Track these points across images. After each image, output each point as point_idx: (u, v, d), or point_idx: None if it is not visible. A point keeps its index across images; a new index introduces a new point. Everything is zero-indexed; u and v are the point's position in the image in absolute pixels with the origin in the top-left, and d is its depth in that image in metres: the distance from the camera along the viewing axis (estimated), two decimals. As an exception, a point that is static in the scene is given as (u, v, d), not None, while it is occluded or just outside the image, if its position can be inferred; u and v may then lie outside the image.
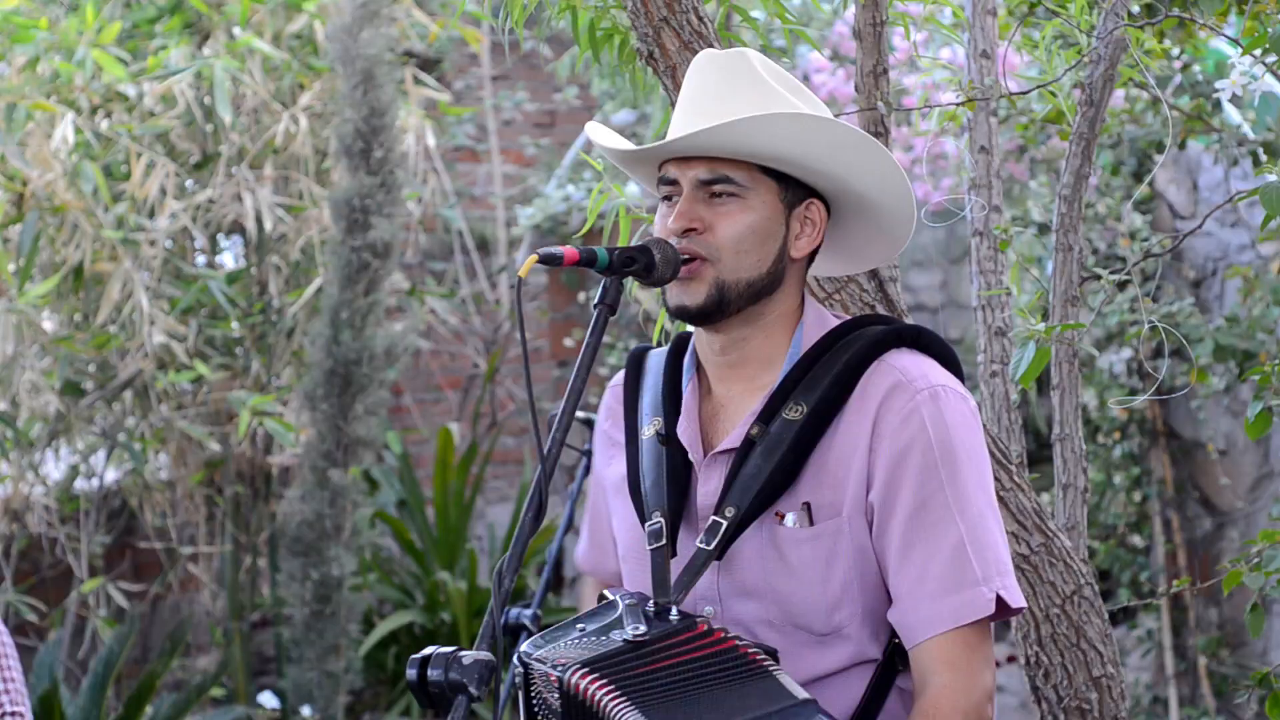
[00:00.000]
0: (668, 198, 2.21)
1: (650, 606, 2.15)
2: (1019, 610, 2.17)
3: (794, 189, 2.21)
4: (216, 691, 5.49)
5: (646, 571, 2.22)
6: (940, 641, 2.13)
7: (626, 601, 2.17)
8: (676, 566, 2.20)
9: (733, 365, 2.24)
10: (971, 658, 2.14)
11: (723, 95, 2.19)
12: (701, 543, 2.16)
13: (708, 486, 2.22)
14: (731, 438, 2.21)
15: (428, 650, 1.96)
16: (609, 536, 2.43)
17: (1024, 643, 2.80)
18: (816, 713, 2.04)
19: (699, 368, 2.31)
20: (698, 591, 2.21)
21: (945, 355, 2.26)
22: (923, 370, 2.19)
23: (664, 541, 2.20)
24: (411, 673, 1.97)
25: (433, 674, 1.93)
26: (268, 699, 5.56)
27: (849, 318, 2.28)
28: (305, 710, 5.36)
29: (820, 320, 2.26)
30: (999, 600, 2.14)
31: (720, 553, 2.16)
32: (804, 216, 2.22)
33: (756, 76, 2.21)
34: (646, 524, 2.23)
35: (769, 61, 2.26)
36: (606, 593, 2.25)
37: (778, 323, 2.23)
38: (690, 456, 2.24)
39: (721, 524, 2.15)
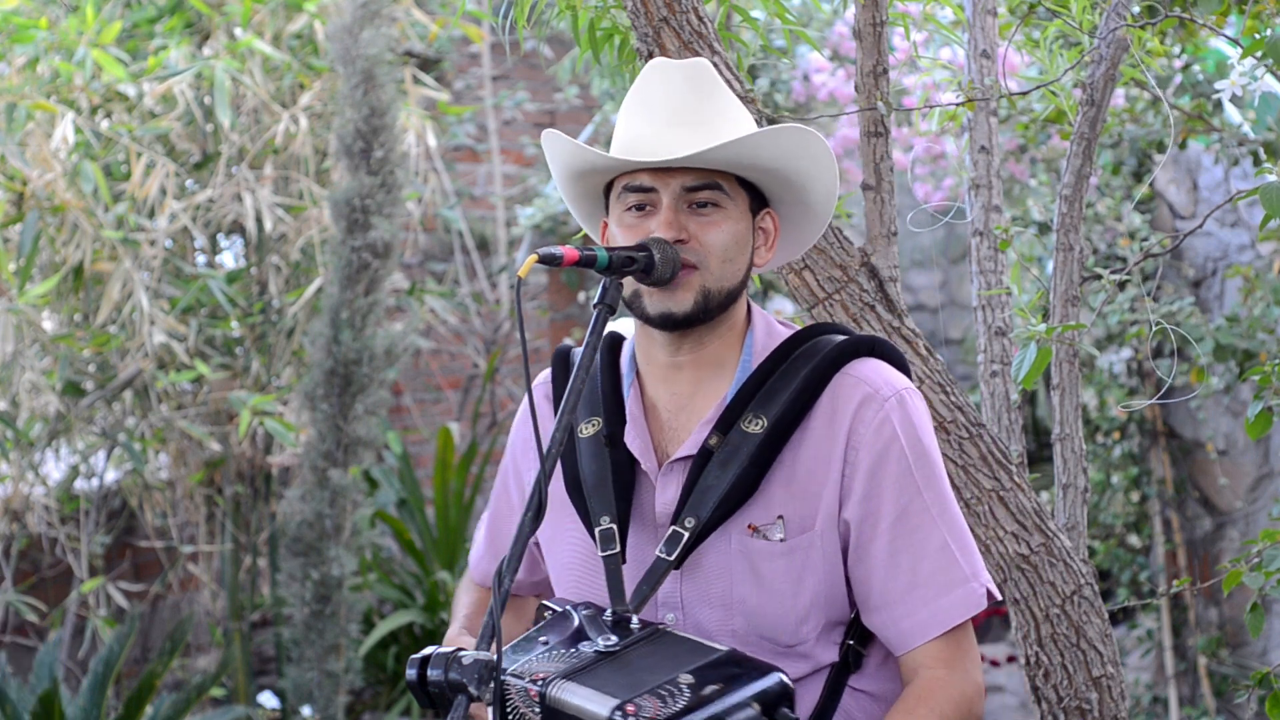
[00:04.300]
0: (636, 206, 2.20)
1: (609, 615, 2.15)
2: (999, 602, 2.22)
3: (756, 199, 2.23)
4: (216, 691, 5.48)
5: (597, 578, 2.22)
6: (935, 643, 2.16)
7: (583, 613, 2.16)
8: (629, 573, 2.20)
9: (682, 367, 2.24)
10: (964, 656, 2.18)
11: (696, 105, 2.19)
12: (662, 552, 2.16)
13: (665, 495, 2.22)
14: (688, 444, 2.21)
15: (428, 650, 1.96)
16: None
17: (1024, 643, 2.80)
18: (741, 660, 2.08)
19: (637, 371, 2.30)
20: (659, 598, 2.21)
21: (898, 360, 2.29)
22: (885, 378, 2.22)
23: (617, 547, 2.20)
24: (411, 673, 1.97)
25: (433, 674, 1.93)
26: (268, 699, 5.56)
27: (798, 327, 2.30)
28: (305, 710, 5.36)
29: (770, 328, 2.28)
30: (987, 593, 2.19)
31: (679, 562, 2.16)
32: (759, 226, 2.25)
33: (720, 86, 2.22)
34: (596, 528, 2.22)
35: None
36: (550, 605, 2.24)
37: (731, 328, 2.25)
38: (643, 466, 2.23)
39: (683, 535, 2.15)
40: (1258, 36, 2.76)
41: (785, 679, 2.04)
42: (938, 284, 7.15)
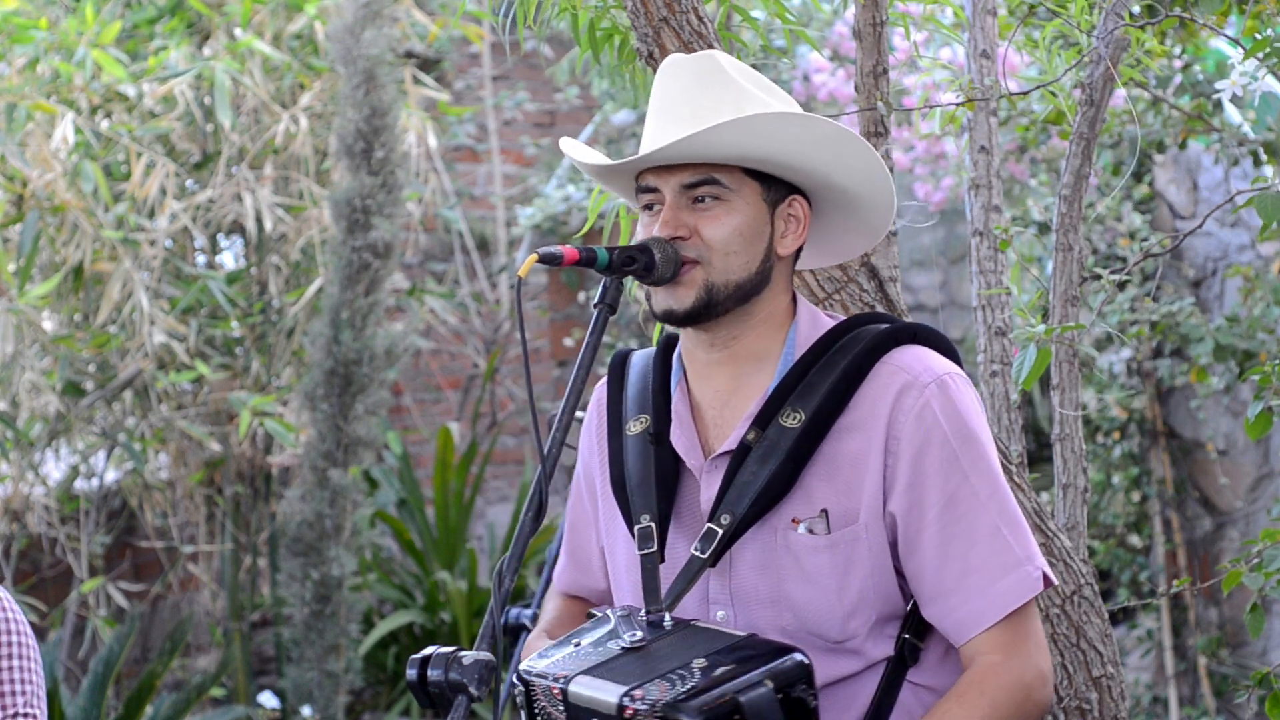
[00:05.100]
0: (648, 206, 2.20)
1: (643, 615, 2.14)
2: (1051, 584, 2.18)
3: (776, 187, 2.21)
4: (216, 691, 5.49)
5: (638, 577, 2.21)
6: (993, 630, 2.12)
7: (618, 614, 2.15)
8: (667, 571, 2.18)
9: (720, 363, 2.23)
10: (1024, 641, 2.14)
11: (696, 99, 2.18)
12: (696, 550, 2.15)
13: (709, 492, 2.20)
14: (730, 440, 2.19)
15: (428, 650, 1.96)
16: (594, 550, 2.40)
17: (1024, 643, 2.80)
18: (756, 641, 2.06)
19: (684, 370, 2.29)
20: (710, 595, 2.19)
21: (944, 346, 2.25)
22: (926, 364, 2.18)
23: (654, 546, 2.18)
24: (411, 673, 1.96)
25: (433, 674, 1.93)
26: (268, 699, 5.56)
27: (843, 318, 2.27)
28: (305, 710, 5.36)
29: (814, 320, 2.25)
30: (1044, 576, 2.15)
31: (714, 560, 2.15)
32: (787, 214, 2.22)
33: (728, 78, 2.20)
34: (635, 526, 2.21)
35: (738, 62, 2.25)
36: (594, 610, 2.23)
37: (769, 321, 2.22)
38: (689, 463, 2.22)
39: (717, 532, 2.14)
40: (1258, 37, 2.76)
41: (803, 659, 2.02)
42: (938, 284, 7.15)
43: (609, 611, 2.18)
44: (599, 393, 2.40)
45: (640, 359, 2.36)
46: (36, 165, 5.24)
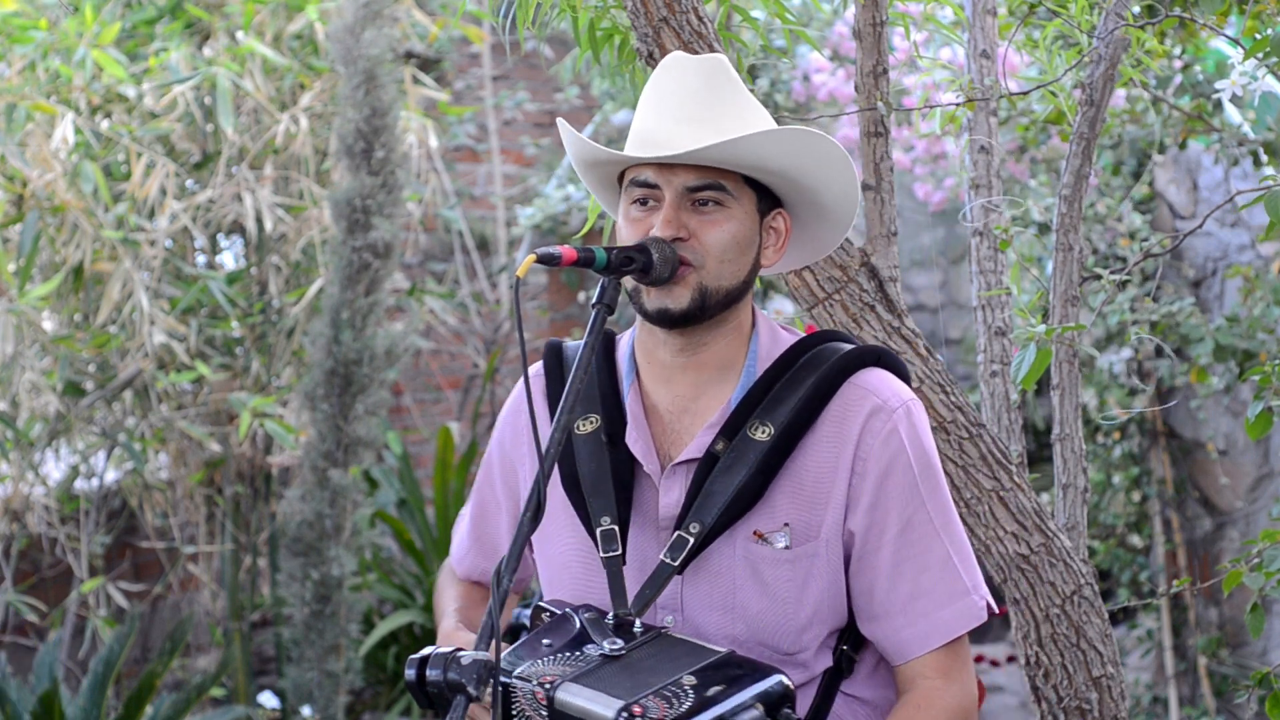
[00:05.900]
0: (641, 200, 2.19)
1: (610, 619, 2.15)
2: (994, 613, 2.24)
3: (766, 199, 2.22)
4: (216, 691, 5.48)
5: (595, 578, 2.21)
6: (934, 654, 2.17)
7: (585, 616, 2.16)
8: (628, 574, 2.19)
9: (684, 368, 2.23)
10: (961, 667, 2.20)
11: (709, 103, 2.19)
12: (666, 557, 2.16)
13: (669, 498, 2.21)
14: (693, 448, 2.20)
15: (426, 650, 1.96)
16: (504, 537, 2.40)
17: (1024, 643, 2.80)
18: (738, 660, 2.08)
19: (637, 370, 2.29)
20: (660, 601, 2.20)
21: (902, 371, 2.29)
22: (892, 389, 2.22)
23: (619, 549, 2.19)
24: (410, 673, 1.97)
25: (431, 674, 1.93)
26: (268, 699, 5.56)
27: (800, 334, 2.29)
28: (305, 710, 5.36)
29: (773, 334, 2.27)
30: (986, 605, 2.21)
31: (683, 568, 2.16)
32: (771, 226, 2.24)
33: (736, 86, 2.22)
34: (597, 529, 2.21)
35: (732, 67, 2.27)
36: (547, 607, 2.23)
37: (737, 331, 2.24)
38: (646, 468, 2.22)
39: (688, 540, 2.15)
40: (1258, 37, 2.76)
41: (786, 680, 2.05)
42: (938, 284, 7.16)
43: (569, 611, 2.18)
44: (536, 384, 2.37)
45: (575, 352, 2.35)
46: (36, 165, 5.23)
